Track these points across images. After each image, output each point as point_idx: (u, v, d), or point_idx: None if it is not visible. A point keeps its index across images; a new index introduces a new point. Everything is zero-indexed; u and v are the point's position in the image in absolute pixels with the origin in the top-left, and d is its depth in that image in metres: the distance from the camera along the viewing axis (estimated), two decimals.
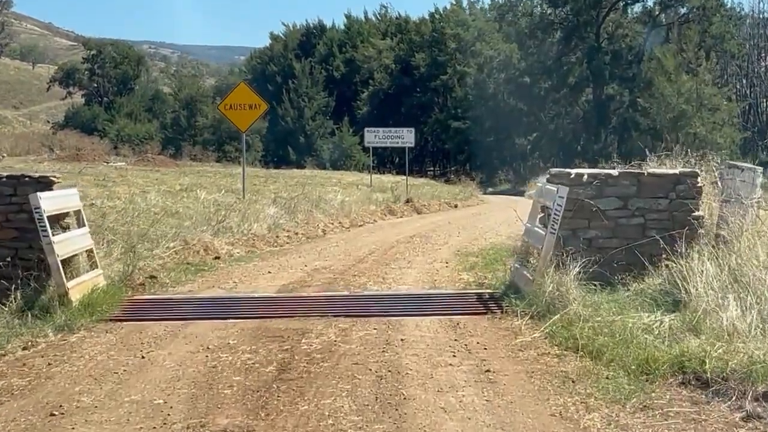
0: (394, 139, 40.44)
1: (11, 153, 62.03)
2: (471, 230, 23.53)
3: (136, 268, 12.01)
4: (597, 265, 9.90)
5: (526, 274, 10.09)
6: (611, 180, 10.50)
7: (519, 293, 10.02)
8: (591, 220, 10.45)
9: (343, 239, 20.62)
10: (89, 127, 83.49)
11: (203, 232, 17.75)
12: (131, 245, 12.85)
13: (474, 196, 47.11)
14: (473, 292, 11.11)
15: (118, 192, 22.90)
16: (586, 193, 10.36)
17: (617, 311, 8.93)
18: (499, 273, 13.51)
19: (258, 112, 24.75)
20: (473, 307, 10.10)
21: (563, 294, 9.19)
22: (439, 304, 10.31)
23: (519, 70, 71.31)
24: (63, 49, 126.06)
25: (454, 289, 11.83)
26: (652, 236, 10.31)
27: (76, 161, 52.06)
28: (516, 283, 10.46)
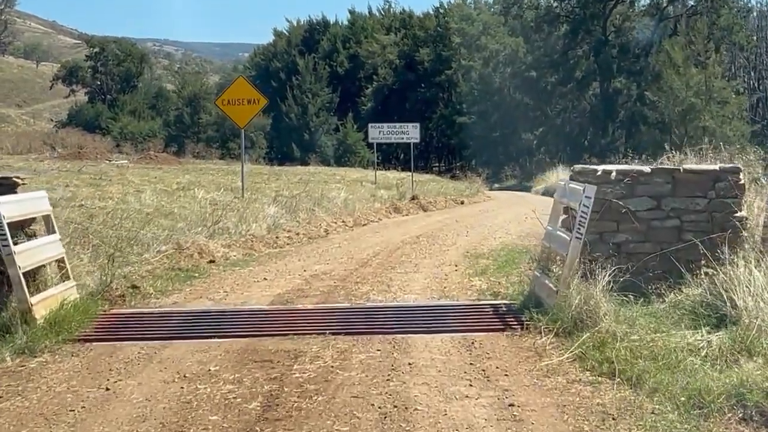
0: (399, 135, 39.28)
1: (13, 152, 61.01)
2: (479, 229, 22.38)
3: (115, 278, 10.81)
4: (628, 273, 8.73)
5: (549, 284, 8.90)
6: (643, 177, 9.30)
7: (541, 306, 8.83)
8: (620, 222, 9.28)
9: (346, 240, 19.50)
10: (92, 125, 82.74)
11: (198, 234, 16.64)
12: (109, 253, 11.61)
13: (480, 192, 45.97)
14: (488, 304, 9.89)
15: (111, 191, 21.74)
16: (615, 193, 9.18)
17: (655, 328, 7.78)
18: (513, 278, 12.41)
19: (257, 107, 23.59)
20: (489, 322, 8.90)
21: (592, 308, 8.01)
22: (451, 319, 9.12)
23: (525, 64, 70.05)
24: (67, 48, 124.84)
25: (467, 299, 10.62)
26: (690, 240, 9.13)
27: (78, 159, 51.20)
28: (537, 293, 9.26)
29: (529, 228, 23.10)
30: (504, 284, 11.68)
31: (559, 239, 9.02)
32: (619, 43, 67.06)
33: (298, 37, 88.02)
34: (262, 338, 8.36)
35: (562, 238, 8.94)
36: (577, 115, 70.26)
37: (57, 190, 20.95)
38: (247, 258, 15.77)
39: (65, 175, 31.48)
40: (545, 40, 69.51)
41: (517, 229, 22.38)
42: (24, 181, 10.05)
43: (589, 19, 66.77)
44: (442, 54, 76.07)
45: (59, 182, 24.58)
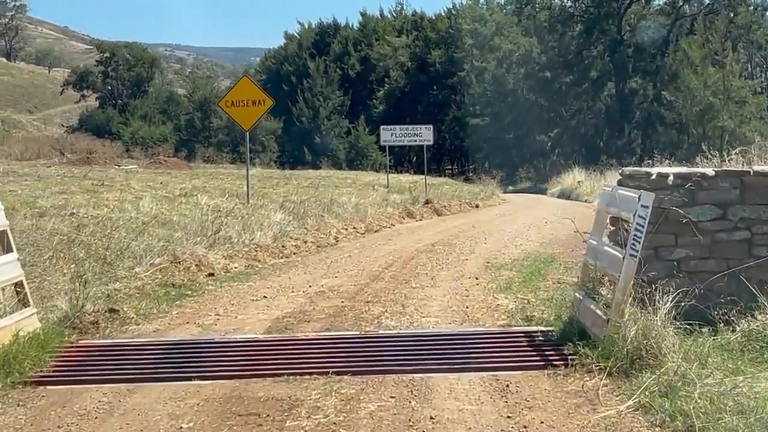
0: (412, 137, 37.78)
1: (21, 157, 60.09)
2: (498, 235, 20.90)
3: (91, 300, 9.32)
4: (689, 294, 7.21)
5: (596, 310, 7.35)
6: (706, 182, 7.76)
7: (586, 336, 7.30)
8: (679, 235, 7.76)
9: (356, 248, 18.05)
10: (103, 130, 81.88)
11: (197, 244, 15.22)
12: (81, 273, 10.15)
13: (495, 195, 44.70)
14: (521, 331, 8.31)
15: (108, 199, 20.25)
16: (673, 200, 7.66)
17: (733, 367, 6.26)
18: (542, 294, 10.98)
19: (262, 108, 22.11)
20: (525, 357, 7.34)
21: (653, 341, 6.48)
22: (479, 351, 7.56)
23: (539, 64, 68.45)
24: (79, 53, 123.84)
25: (494, 324, 9.08)
26: (763, 256, 7.61)
27: (87, 165, 50.18)
28: (580, 320, 7.70)
29: (551, 234, 21.66)
30: (534, 303, 10.19)
31: (608, 256, 7.46)
32: (634, 42, 65.38)
33: (309, 40, 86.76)
34: (252, 380, 6.85)
35: (611, 255, 7.39)
36: (592, 116, 68.58)
37: (49, 198, 19.56)
38: (249, 270, 14.37)
39: (68, 180, 30.08)
40: (559, 40, 67.83)
41: (538, 235, 20.93)
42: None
43: (603, 19, 65.17)
44: (455, 56, 74.62)
45: (56, 188, 23.18)
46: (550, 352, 7.36)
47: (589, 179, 47.05)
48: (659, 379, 6.06)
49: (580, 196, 44.60)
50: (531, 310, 9.58)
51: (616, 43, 64.77)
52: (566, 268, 14.31)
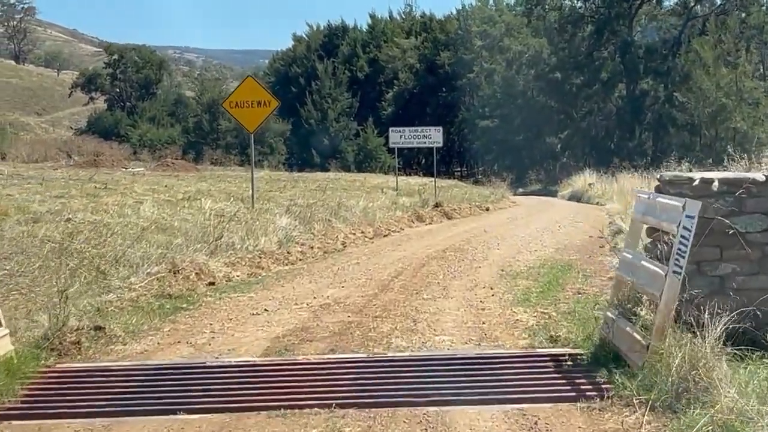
0: (421, 139, 36.95)
1: (28, 160, 59.65)
2: (510, 240, 20.07)
3: (69, 318, 8.48)
4: (736, 315, 6.35)
5: (632, 333, 6.49)
6: (756, 188, 6.89)
7: (621, 362, 6.45)
8: (724, 248, 6.90)
9: (365, 254, 17.25)
10: (111, 133, 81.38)
11: (197, 251, 14.42)
12: (62, 288, 9.31)
13: (505, 198, 43.86)
14: (546, 354, 7.41)
15: (108, 203, 19.43)
16: (718, 209, 6.80)
17: None
18: (562, 306, 10.16)
19: (268, 110, 21.26)
20: (553, 386, 6.46)
21: (702, 372, 5.62)
22: (501, 378, 6.69)
23: (549, 65, 67.52)
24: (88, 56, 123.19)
25: (515, 343, 8.20)
26: None
27: (94, 167, 49.60)
28: (614, 343, 6.83)
29: (565, 238, 20.81)
30: (556, 318, 9.36)
31: (646, 272, 6.58)
32: (645, 43, 64.43)
33: (317, 41, 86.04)
34: (245, 414, 6.01)
35: (650, 271, 6.51)
36: (602, 117, 67.57)
37: (46, 202, 18.77)
38: (251, 279, 13.59)
39: (72, 184, 29.36)
40: (569, 41, 66.89)
41: (552, 240, 20.09)
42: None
43: (614, 19, 64.22)
44: (464, 57, 73.76)
45: (56, 192, 22.39)
46: (581, 380, 6.50)
47: (601, 181, 46.32)
48: (713, 418, 5.21)
49: (592, 198, 43.84)
50: (554, 327, 8.72)
51: (627, 44, 63.83)
52: (585, 276, 13.53)
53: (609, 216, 29.85)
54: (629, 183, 37.07)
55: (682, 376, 5.64)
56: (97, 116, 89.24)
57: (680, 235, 5.93)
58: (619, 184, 40.55)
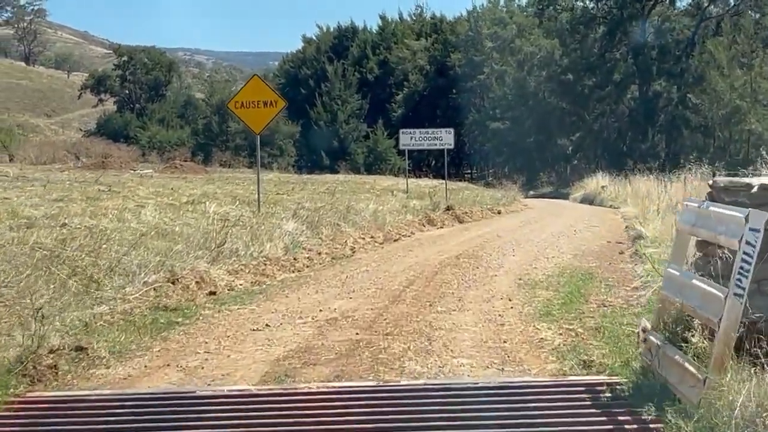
0: (432, 141, 36.14)
1: (36, 162, 59.27)
2: (527, 246, 19.25)
3: (45, 340, 7.64)
4: None
5: (683, 363, 5.60)
6: None
7: (670, 397, 5.58)
8: None
9: (374, 261, 16.45)
10: (121, 134, 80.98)
11: (198, 258, 13.67)
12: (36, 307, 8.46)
13: (517, 201, 43.00)
14: (580, 383, 6.46)
15: (108, 207, 18.60)
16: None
17: None
18: (589, 322, 9.36)
19: (274, 110, 20.42)
20: (592, 423, 5.57)
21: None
22: (529, 415, 5.80)
23: (561, 66, 66.43)
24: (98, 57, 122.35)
25: (542, 367, 7.33)
26: None
27: (102, 169, 49.02)
28: (660, 373, 5.95)
29: (583, 244, 19.96)
30: (584, 336, 8.55)
31: (699, 293, 5.69)
32: (658, 44, 63.34)
33: (327, 43, 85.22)
34: None
35: (704, 291, 5.62)
36: (615, 119, 66.50)
37: (43, 206, 17.96)
38: (254, 288, 12.82)
39: (76, 186, 28.60)
40: (581, 42, 65.82)
41: (569, 246, 19.25)
42: None
43: (626, 20, 63.17)
44: (474, 59, 72.82)
45: (56, 195, 21.59)
46: (624, 417, 5.61)
47: (613, 184, 45.52)
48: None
49: (605, 201, 43.08)
50: (584, 348, 7.88)
51: (640, 45, 62.78)
52: (608, 286, 12.74)
53: (624, 220, 29.04)
54: (644, 186, 36.22)
55: (749, 419, 4.78)
56: (107, 118, 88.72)
57: (743, 251, 5.07)
58: (632, 187, 39.74)
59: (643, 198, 32.76)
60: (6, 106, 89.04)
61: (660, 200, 27.17)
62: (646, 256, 15.44)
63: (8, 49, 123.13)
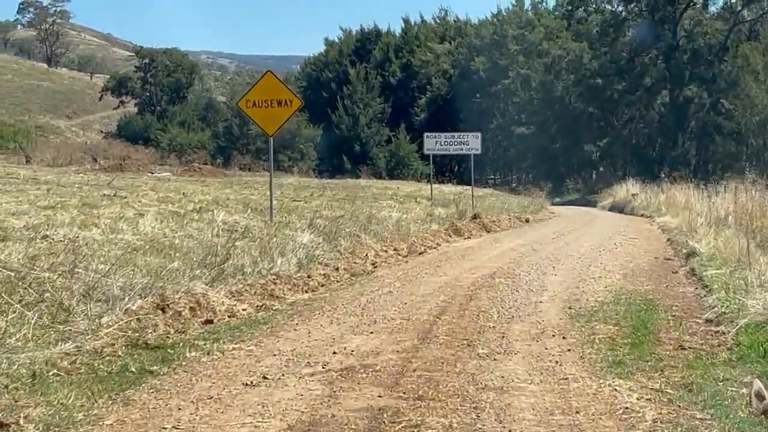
0: (458, 146, 34.08)
1: (53, 164, 58.04)
2: (566, 262, 17.17)
3: None
4: None
5: None
6: None
7: None
8: None
9: (398, 279, 14.43)
10: (141, 137, 79.65)
11: (196, 279, 11.65)
12: None
13: (544, 209, 41.00)
14: None
15: (103, 215, 16.44)
16: None
17: None
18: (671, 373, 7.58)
19: (290, 110, 18.28)
20: None
21: None
22: None
23: (590, 70, 64.03)
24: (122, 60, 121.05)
25: None
26: None
27: (120, 171, 47.64)
28: None
29: (628, 260, 17.75)
30: (679, 401, 6.36)
31: None
32: (690, 48, 60.84)
33: (350, 46, 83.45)
34: None
35: None
36: (644, 125, 64.04)
37: (26, 215, 15.85)
38: (259, 315, 10.86)
39: (85, 189, 26.67)
40: (611, 46, 63.36)
41: (614, 263, 17.08)
42: None
43: (658, 24, 60.73)
44: (499, 63, 70.72)
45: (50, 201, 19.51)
46: None
47: (644, 192, 43.39)
48: None
49: (636, 209, 41.17)
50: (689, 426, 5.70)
51: (671, 49, 60.33)
52: (675, 318, 10.75)
53: (663, 231, 26.92)
54: (680, 195, 34.00)
55: None
56: (127, 120, 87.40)
57: None
58: (667, 195, 37.55)
59: (682, 208, 30.58)
60: (27, 108, 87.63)
61: (708, 211, 25.05)
62: (708, 278, 13.33)
63: (31, 51, 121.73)
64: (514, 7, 75.54)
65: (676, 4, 60.77)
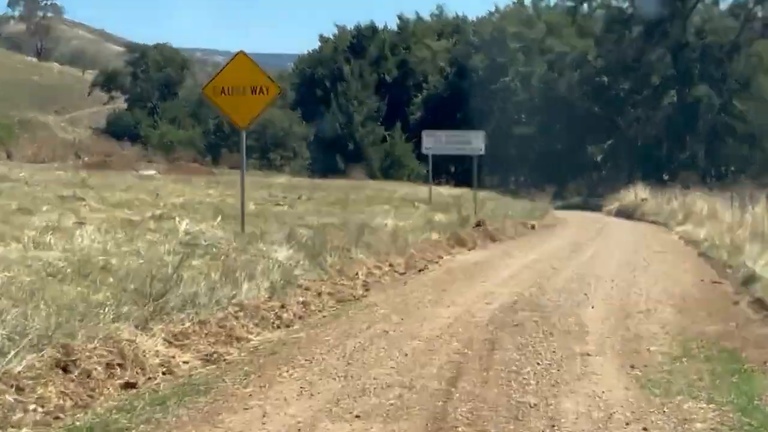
0: (459, 145, 31.18)
1: (34, 159, 55.11)
2: (599, 287, 14.26)
3: None
4: None
5: None
6: None
7: None
8: None
9: (395, 310, 11.45)
10: (131, 133, 76.30)
11: (123, 318, 8.48)
12: None
13: (549, 213, 38.13)
14: None
15: (30, 225, 13.05)
16: None
17: None
18: None
19: (266, 98, 14.94)
20: None
21: None
22: None
23: (595, 68, 60.72)
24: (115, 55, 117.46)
25: None
26: None
27: (103, 169, 44.65)
28: None
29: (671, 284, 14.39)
30: None
31: None
32: (700, 46, 57.55)
33: (345, 43, 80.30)
34: None
35: None
36: (651, 126, 60.72)
37: None
38: (206, 372, 8.10)
39: (61, 187, 23.22)
40: (617, 43, 60.01)
41: (657, 288, 14.03)
42: None
43: (666, 20, 57.42)
44: (498, 60, 67.58)
45: None
46: None
47: (654, 197, 40.45)
48: None
49: (645, 215, 38.23)
50: None
51: (680, 48, 57.06)
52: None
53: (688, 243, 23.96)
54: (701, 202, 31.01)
55: None
56: (116, 116, 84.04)
57: None
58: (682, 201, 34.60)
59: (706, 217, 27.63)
60: (14, 102, 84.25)
61: (740, 222, 22.07)
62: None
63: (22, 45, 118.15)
64: (515, 4, 72.55)
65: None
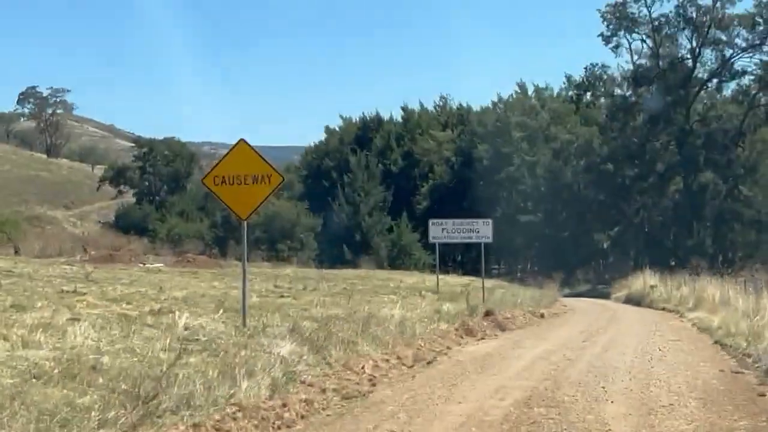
0: (467, 234, 30.66)
1: (41, 254, 54.51)
2: (617, 380, 13.48)
3: None
4: None
5: None
6: None
7: None
8: None
9: (403, 408, 10.80)
10: (139, 227, 76.56)
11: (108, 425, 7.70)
12: None
13: (557, 302, 37.47)
14: None
15: (18, 323, 12.40)
16: None
17: None
18: None
19: (268, 188, 14.46)
20: None
21: None
22: None
23: (600, 156, 60.57)
24: (124, 150, 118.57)
25: None
26: None
27: (110, 262, 44.21)
28: None
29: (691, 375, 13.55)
30: None
31: None
32: (704, 132, 57.39)
33: (350, 134, 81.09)
34: None
35: None
36: (658, 213, 60.31)
37: None
38: None
39: (65, 281, 22.58)
40: (621, 130, 59.99)
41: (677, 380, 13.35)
42: None
43: (670, 107, 57.41)
44: (502, 150, 67.72)
45: None
46: None
47: (663, 283, 39.75)
48: None
49: (655, 302, 37.59)
50: None
51: (685, 134, 56.90)
52: None
53: (701, 331, 23.12)
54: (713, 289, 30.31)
55: None
56: (125, 210, 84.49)
57: None
58: (692, 287, 33.89)
59: (719, 304, 26.91)
60: (24, 198, 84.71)
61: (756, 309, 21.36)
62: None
63: (33, 142, 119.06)
64: (518, 94, 72.91)
65: (689, 87, 57.52)
